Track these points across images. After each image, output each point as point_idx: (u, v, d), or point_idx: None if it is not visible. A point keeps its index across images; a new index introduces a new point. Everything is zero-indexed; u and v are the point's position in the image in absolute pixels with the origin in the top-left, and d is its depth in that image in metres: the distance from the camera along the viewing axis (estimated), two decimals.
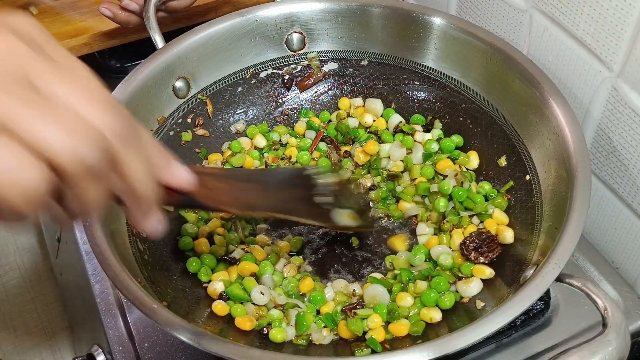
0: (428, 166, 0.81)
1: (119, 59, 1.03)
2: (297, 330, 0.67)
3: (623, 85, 0.69)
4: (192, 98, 0.84)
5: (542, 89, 0.72)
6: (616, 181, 0.76)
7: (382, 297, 0.69)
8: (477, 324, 0.56)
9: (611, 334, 0.54)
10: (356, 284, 0.73)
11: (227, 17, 0.84)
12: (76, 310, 1.04)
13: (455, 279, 0.71)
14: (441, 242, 0.74)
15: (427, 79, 0.86)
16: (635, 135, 0.70)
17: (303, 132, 0.88)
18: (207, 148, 0.85)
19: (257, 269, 0.72)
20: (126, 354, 0.71)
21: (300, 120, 0.89)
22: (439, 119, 0.85)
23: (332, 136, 0.87)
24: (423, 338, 0.65)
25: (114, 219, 0.69)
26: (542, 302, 0.72)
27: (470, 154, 0.81)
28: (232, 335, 0.66)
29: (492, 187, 0.78)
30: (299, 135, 0.88)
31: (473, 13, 0.90)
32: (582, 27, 0.72)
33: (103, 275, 0.77)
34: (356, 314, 0.68)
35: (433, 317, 0.67)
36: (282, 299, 0.69)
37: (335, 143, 0.87)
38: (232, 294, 0.69)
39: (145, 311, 0.57)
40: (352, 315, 0.68)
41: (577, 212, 0.62)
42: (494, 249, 0.71)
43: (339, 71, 0.90)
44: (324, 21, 0.87)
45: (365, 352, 0.64)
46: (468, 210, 0.77)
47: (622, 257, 0.79)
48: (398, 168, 0.83)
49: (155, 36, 0.84)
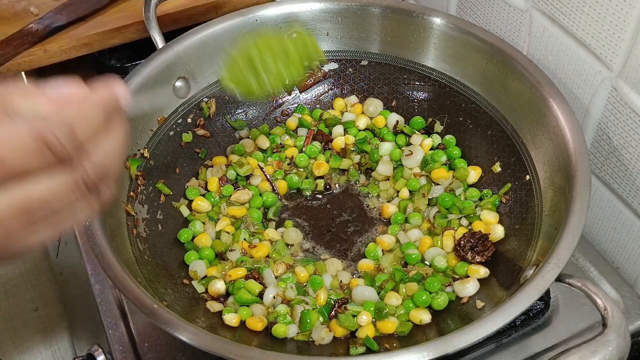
0: (414, 179, 0.81)
1: (119, 59, 1.03)
2: (301, 327, 0.67)
3: (623, 85, 0.69)
4: (192, 98, 0.84)
5: (542, 89, 0.72)
6: (616, 181, 0.76)
7: (370, 297, 0.70)
8: (477, 324, 0.56)
9: (611, 333, 0.54)
10: (346, 273, 0.74)
11: (227, 17, 0.84)
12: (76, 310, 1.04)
13: (450, 280, 0.71)
14: (434, 245, 0.75)
15: (427, 79, 0.86)
16: (635, 135, 0.70)
17: (294, 127, 0.89)
18: (207, 148, 0.85)
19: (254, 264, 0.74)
20: (126, 354, 0.71)
21: (293, 115, 0.89)
22: (439, 121, 0.85)
23: (321, 129, 0.88)
24: (409, 339, 0.66)
25: (114, 219, 0.69)
26: (542, 302, 0.72)
27: (471, 168, 0.81)
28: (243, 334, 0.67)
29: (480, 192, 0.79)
30: (290, 130, 0.89)
31: (473, 13, 0.90)
32: (582, 27, 0.72)
33: (103, 275, 0.77)
34: (347, 309, 0.68)
35: (423, 319, 0.68)
36: (292, 293, 0.70)
37: (324, 134, 0.87)
38: (240, 301, 0.70)
39: (145, 311, 0.58)
40: (343, 310, 0.68)
41: (577, 212, 0.62)
42: (488, 247, 0.72)
43: (339, 71, 0.90)
44: (324, 21, 0.87)
45: (359, 349, 0.65)
46: (455, 214, 0.77)
47: (622, 257, 0.79)
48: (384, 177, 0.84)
49: (155, 36, 0.84)
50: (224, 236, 0.77)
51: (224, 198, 0.81)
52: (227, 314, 0.69)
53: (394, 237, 0.77)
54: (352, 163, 0.85)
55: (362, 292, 0.70)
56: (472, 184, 0.81)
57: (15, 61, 0.90)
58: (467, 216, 0.77)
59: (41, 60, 0.92)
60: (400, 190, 0.82)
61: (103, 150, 0.42)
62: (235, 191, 0.82)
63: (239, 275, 0.72)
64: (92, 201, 0.42)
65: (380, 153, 0.84)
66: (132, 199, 0.74)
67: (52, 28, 0.94)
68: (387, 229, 0.79)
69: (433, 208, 0.79)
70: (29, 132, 0.38)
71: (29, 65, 0.92)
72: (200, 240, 0.76)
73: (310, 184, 0.83)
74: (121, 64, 1.03)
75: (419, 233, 0.77)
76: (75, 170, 0.40)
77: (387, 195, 0.82)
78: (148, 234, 0.74)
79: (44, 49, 0.92)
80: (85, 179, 0.41)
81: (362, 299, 0.70)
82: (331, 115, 0.88)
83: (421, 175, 0.82)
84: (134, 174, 0.75)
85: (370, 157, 0.85)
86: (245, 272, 0.73)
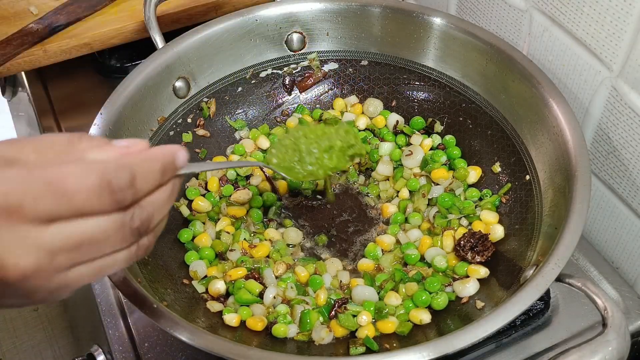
0: (414, 179, 0.81)
1: (119, 59, 1.03)
2: (301, 327, 0.68)
3: (623, 85, 0.69)
4: (192, 98, 0.84)
5: (542, 89, 0.72)
6: (616, 181, 0.76)
7: (370, 297, 0.70)
8: (477, 324, 0.56)
9: (611, 333, 0.54)
10: (345, 273, 0.74)
11: (227, 17, 0.84)
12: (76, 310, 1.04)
13: (450, 280, 0.71)
14: (434, 244, 0.75)
15: (427, 79, 0.86)
16: (635, 135, 0.70)
17: None
18: (207, 148, 0.85)
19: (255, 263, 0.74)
20: (126, 354, 0.72)
21: (293, 115, 0.89)
22: (439, 122, 0.85)
23: None
24: (409, 339, 0.66)
25: None
26: (542, 302, 0.72)
27: (471, 168, 0.81)
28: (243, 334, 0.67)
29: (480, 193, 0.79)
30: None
31: (473, 13, 0.90)
32: (582, 27, 0.72)
33: None
34: (347, 309, 0.68)
35: (422, 319, 0.68)
36: (292, 293, 0.70)
37: None
38: (241, 301, 0.70)
39: (145, 311, 0.58)
40: (343, 310, 0.68)
41: (577, 212, 0.62)
42: (488, 247, 0.72)
43: (339, 71, 0.90)
44: (324, 21, 0.87)
45: (359, 349, 0.65)
46: (455, 214, 0.77)
47: (622, 257, 0.79)
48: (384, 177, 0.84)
49: (155, 36, 0.84)
50: (224, 236, 0.77)
51: (224, 198, 0.81)
52: (227, 314, 0.69)
53: (393, 237, 0.77)
54: (352, 163, 0.85)
55: (362, 292, 0.70)
56: (472, 184, 0.81)
57: (15, 61, 0.90)
58: (467, 216, 0.77)
59: (41, 60, 0.92)
60: (400, 191, 0.82)
61: (154, 202, 0.45)
62: (235, 191, 0.82)
63: (239, 275, 0.72)
64: (133, 250, 0.45)
65: (380, 153, 0.84)
66: None
67: (52, 28, 0.94)
68: (387, 229, 0.79)
69: (433, 208, 0.79)
70: (96, 173, 0.40)
71: (29, 65, 0.92)
72: (201, 240, 0.76)
73: (310, 184, 0.83)
74: (121, 64, 1.03)
75: (419, 233, 0.77)
76: (127, 216, 0.43)
77: (387, 196, 0.82)
78: None
79: (44, 49, 0.92)
80: (133, 227, 0.43)
81: (362, 298, 0.70)
82: (331, 115, 0.88)
83: (421, 175, 0.82)
84: None
85: (370, 157, 0.85)
86: (245, 272, 0.73)
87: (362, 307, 0.68)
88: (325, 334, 0.66)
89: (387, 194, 0.82)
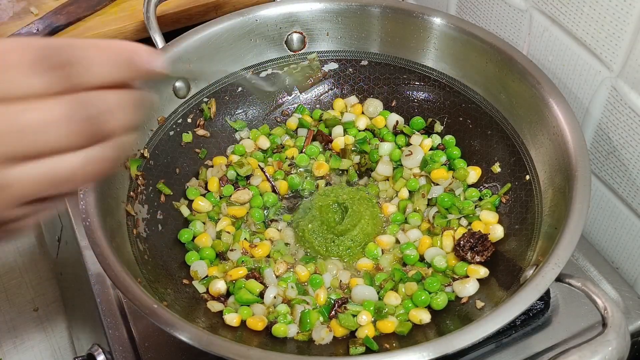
0: (414, 179, 0.81)
1: None
2: (301, 327, 0.68)
3: (623, 85, 0.69)
4: (192, 98, 0.84)
5: (542, 89, 0.72)
6: (616, 181, 0.76)
7: (370, 297, 0.70)
8: (477, 324, 0.56)
9: (611, 333, 0.54)
10: (346, 272, 0.74)
11: (227, 17, 0.84)
12: (76, 310, 1.04)
13: (450, 280, 0.71)
14: (434, 244, 0.75)
15: (427, 79, 0.86)
16: (635, 135, 0.70)
17: (295, 128, 0.89)
18: (207, 149, 0.85)
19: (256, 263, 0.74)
20: (126, 354, 0.71)
21: (293, 116, 0.89)
22: (439, 122, 0.85)
23: (321, 129, 0.88)
24: (409, 339, 0.66)
25: (115, 219, 0.69)
26: (542, 302, 0.72)
27: (471, 169, 0.81)
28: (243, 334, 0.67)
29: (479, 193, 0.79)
30: (290, 130, 0.89)
31: (473, 13, 0.90)
32: (582, 27, 0.72)
33: (103, 275, 0.77)
34: (346, 308, 0.68)
35: (422, 319, 0.68)
36: (292, 293, 0.70)
37: (324, 135, 0.87)
38: (241, 300, 0.70)
39: (145, 311, 0.57)
40: (343, 310, 0.68)
41: (577, 212, 0.62)
42: (488, 247, 0.72)
43: (339, 71, 0.90)
44: (324, 21, 0.87)
45: (359, 349, 0.65)
46: (455, 214, 0.77)
47: (622, 257, 0.79)
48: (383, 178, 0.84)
49: (155, 36, 0.84)
50: (225, 236, 0.77)
51: (224, 198, 0.81)
52: (228, 313, 0.69)
53: (393, 237, 0.77)
54: (352, 163, 0.85)
55: (362, 292, 0.70)
56: (471, 184, 0.81)
57: None
58: (466, 216, 0.77)
59: None
60: (400, 191, 0.82)
61: (107, 100, 0.39)
62: (235, 191, 0.82)
63: (239, 275, 0.72)
64: (91, 155, 0.39)
65: (380, 153, 0.84)
66: (132, 199, 0.74)
67: (52, 28, 0.94)
68: (387, 229, 0.79)
69: (432, 208, 0.79)
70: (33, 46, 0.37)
71: None
72: (201, 240, 0.76)
73: (311, 184, 0.83)
74: None
75: (419, 233, 0.77)
76: (68, 105, 0.37)
77: (387, 196, 0.82)
78: (148, 234, 0.74)
79: None
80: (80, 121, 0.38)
81: (362, 298, 0.70)
82: (331, 115, 0.88)
83: (421, 175, 0.82)
84: (134, 174, 0.75)
85: (370, 158, 0.85)
86: (246, 272, 0.73)
87: (362, 307, 0.68)
88: (325, 334, 0.66)
89: (387, 194, 0.82)
